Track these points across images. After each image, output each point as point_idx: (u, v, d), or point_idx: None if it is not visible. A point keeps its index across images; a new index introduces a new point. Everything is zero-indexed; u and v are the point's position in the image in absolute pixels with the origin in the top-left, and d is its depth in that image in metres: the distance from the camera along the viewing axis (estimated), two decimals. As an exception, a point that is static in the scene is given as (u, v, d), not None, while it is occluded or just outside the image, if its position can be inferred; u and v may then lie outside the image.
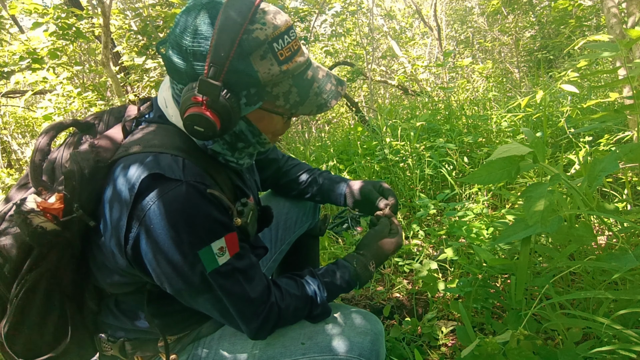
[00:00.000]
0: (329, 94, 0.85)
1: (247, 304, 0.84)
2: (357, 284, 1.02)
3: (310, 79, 0.84)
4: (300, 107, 0.83)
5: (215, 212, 0.80)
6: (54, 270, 0.84)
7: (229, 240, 0.81)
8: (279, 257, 1.38)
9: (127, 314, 0.93)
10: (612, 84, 1.59)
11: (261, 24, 0.76)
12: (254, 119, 0.85)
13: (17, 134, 7.86)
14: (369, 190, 1.25)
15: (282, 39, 0.78)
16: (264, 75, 0.78)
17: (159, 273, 0.79)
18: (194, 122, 0.78)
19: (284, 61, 0.79)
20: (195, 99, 0.76)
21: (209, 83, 0.75)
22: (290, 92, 0.82)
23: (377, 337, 0.93)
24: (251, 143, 0.90)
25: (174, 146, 0.83)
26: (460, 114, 3.18)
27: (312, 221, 1.44)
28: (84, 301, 0.93)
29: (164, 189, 0.77)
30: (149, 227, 0.76)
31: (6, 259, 0.80)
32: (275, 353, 0.90)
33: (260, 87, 0.79)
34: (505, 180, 0.98)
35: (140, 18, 3.73)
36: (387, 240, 1.11)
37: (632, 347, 0.79)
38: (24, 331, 0.84)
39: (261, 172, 1.31)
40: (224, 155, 0.91)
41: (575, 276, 1.37)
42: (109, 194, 0.82)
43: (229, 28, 0.74)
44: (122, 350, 0.96)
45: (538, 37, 8.40)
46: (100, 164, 0.82)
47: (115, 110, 0.98)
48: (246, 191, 0.98)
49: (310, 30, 5.45)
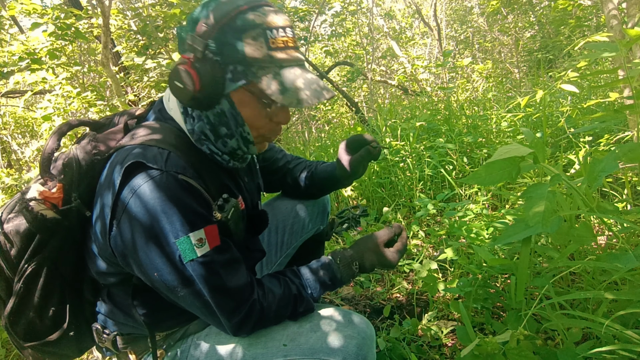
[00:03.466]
0: (312, 92, 0.85)
1: (226, 297, 0.84)
2: (340, 281, 1.00)
3: (297, 74, 0.85)
4: (282, 96, 0.82)
5: (194, 203, 0.82)
6: (55, 258, 0.88)
7: (209, 233, 0.82)
8: (284, 260, 1.38)
9: (119, 307, 0.96)
10: (612, 84, 1.59)
11: (260, 13, 0.82)
12: (237, 102, 0.86)
13: (17, 134, 7.86)
14: (356, 139, 1.22)
15: (277, 30, 0.82)
16: (250, 53, 0.81)
17: (138, 262, 0.81)
18: (174, 77, 0.82)
19: (274, 49, 0.82)
20: (184, 57, 0.81)
21: (195, 38, 0.80)
22: (274, 79, 0.83)
23: (364, 341, 0.89)
24: (233, 133, 0.90)
25: (164, 141, 0.86)
26: (460, 114, 3.18)
27: (320, 226, 1.43)
28: (82, 290, 0.97)
29: (144, 178, 0.79)
30: (129, 215, 0.79)
31: (12, 243, 0.86)
32: (257, 353, 0.89)
33: (247, 66, 0.82)
34: (506, 181, 0.98)
35: (140, 18, 3.73)
36: (383, 250, 1.03)
37: (632, 347, 0.79)
38: (26, 314, 0.89)
39: (272, 175, 1.31)
40: (209, 144, 0.92)
41: (575, 276, 1.37)
42: (99, 183, 0.87)
43: (229, 4, 0.81)
44: (115, 345, 0.98)
45: (538, 37, 8.40)
46: (97, 157, 0.88)
47: (127, 112, 1.03)
48: (234, 191, 0.98)
49: (310, 30, 5.45)
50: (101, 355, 1.07)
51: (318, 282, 0.98)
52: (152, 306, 0.94)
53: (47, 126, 3.71)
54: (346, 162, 1.22)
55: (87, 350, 1.05)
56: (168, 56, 3.61)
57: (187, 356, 0.95)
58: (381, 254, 1.02)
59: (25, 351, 0.94)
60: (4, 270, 0.88)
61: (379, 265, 1.03)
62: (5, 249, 0.86)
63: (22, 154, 7.22)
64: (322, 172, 1.29)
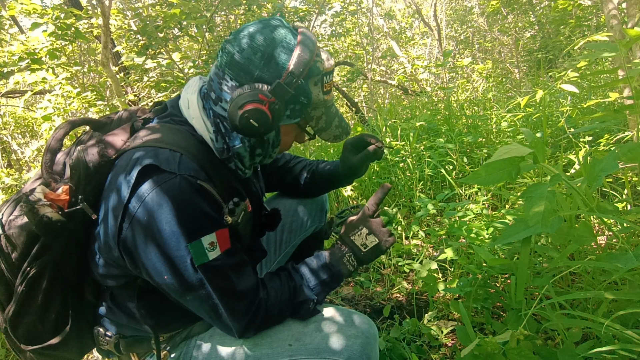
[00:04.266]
0: (343, 129, 1.00)
1: (236, 300, 0.84)
2: (341, 278, 1.00)
3: (334, 114, 0.99)
4: (323, 133, 0.98)
5: (207, 207, 0.82)
6: (58, 260, 0.87)
7: (220, 236, 0.82)
8: (283, 259, 1.39)
9: (122, 309, 0.95)
10: (611, 84, 1.59)
11: (321, 59, 0.91)
12: (283, 131, 0.96)
13: (17, 134, 7.86)
14: (360, 138, 1.26)
15: (328, 76, 0.93)
16: (314, 98, 0.91)
17: (148, 265, 0.81)
18: (252, 116, 0.84)
19: (326, 92, 0.93)
20: (262, 97, 0.83)
21: (284, 88, 0.85)
22: (320, 118, 0.96)
23: (368, 340, 0.90)
24: (267, 153, 0.97)
25: (175, 143, 0.86)
26: (460, 114, 3.17)
27: (319, 225, 1.44)
28: (84, 293, 0.96)
29: (158, 181, 0.79)
30: (141, 218, 0.78)
31: (15, 246, 0.85)
32: (262, 354, 0.90)
33: (305, 107, 0.92)
34: (506, 181, 0.98)
35: (140, 18, 3.72)
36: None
37: (632, 347, 0.79)
38: (27, 317, 0.88)
39: (272, 175, 1.32)
40: (240, 160, 0.95)
41: (575, 276, 1.37)
42: (108, 185, 0.85)
43: (308, 51, 0.87)
44: (117, 347, 0.98)
45: (538, 37, 8.40)
46: (104, 159, 0.87)
47: (129, 111, 1.03)
48: (243, 194, 0.99)
49: (310, 30, 5.45)
50: (102, 357, 1.06)
51: (315, 275, 0.97)
52: (157, 308, 0.94)
53: (47, 126, 3.71)
54: (350, 162, 1.23)
55: (88, 352, 1.04)
56: (168, 56, 3.61)
57: (190, 357, 0.95)
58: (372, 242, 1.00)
59: (24, 355, 0.92)
60: (4, 273, 0.86)
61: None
62: (7, 252, 0.85)
63: (22, 154, 7.22)
64: (324, 171, 1.30)
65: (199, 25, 3.84)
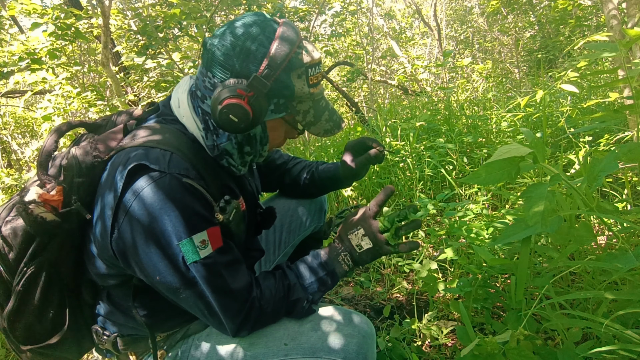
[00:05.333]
0: (334, 123, 0.97)
1: (229, 298, 0.84)
2: (337, 277, 0.98)
3: (323, 107, 0.96)
4: (312, 127, 0.94)
5: (198, 205, 0.82)
6: (55, 260, 0.88)
7: (212, 234, 0.82)
8: (282, 259, 1.39)
9: (119, 308, 0.96)
10: (611, 84, 1.59)
11: (305, 51, 0.89)
12: (269, 127, 0.94)
13: (17, 134, 7.86)
14: (361, 141, 1.24)
15: (314, 68, 0.90)
16: (297, 91, 0.89)
17: (140, 263, 0.81)
18: (231, 111, 0.83)
19: (312, 85, 0.91)
20: (240, 92, 0.83)
21: (261, 81, 0.84)
22: (308, 112, 0.93)
23: (364, 339, 0.90)
24: (256, 151, 0.96)
25: (165, 142, 0.86)
26: (460, 114, 3.17)
27: (318, 224, 1.44)
28: (81, 292, 0.96)
29: (147, 180, 0.80)
30: (132, 217, 0.79)
31: (11, 246, 0.85)
32: (258, 353, 0.89)
33: (289, 100, 0.90)
34: (505, 181, 0.98)
35: (140, 18, 3.72)
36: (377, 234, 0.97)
37: (632, 347, 0.79)
38: (25, 317, 0.88)
39: (269, 175, 1.32)
40: (230, 157, 0.94)
41: (575, 276, 1.37)
42: (100, 185, 0.86)
43: (287, 43, 0.86)
44: (115, 346, 0.98)
45: (538, 37, 8.40)
46: (97, 159, 0.88)
47: (124, 113, 1.03)
48: (236, 192, 0.99)
49: (310, 30, 5.45)
50: (101, 357, 1.06)
51: (310, 273, 0.97)
52: (153, 307, 0.94)
53: (47, 126, 3.71)
54: (351, 164, 1.24)
55: (87, 352, 1.05)
56: (168, 56, 3.60)
57: (187, 356, 0.95)
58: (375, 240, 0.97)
59: (23, 354, 0.93)
60: (2, 273, 0.87)
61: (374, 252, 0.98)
62: (4, 253, 0.86)
63: (22, 154, 7.22)
64: (324, 172, 1.30)
65: (199, 25, 3.84)
